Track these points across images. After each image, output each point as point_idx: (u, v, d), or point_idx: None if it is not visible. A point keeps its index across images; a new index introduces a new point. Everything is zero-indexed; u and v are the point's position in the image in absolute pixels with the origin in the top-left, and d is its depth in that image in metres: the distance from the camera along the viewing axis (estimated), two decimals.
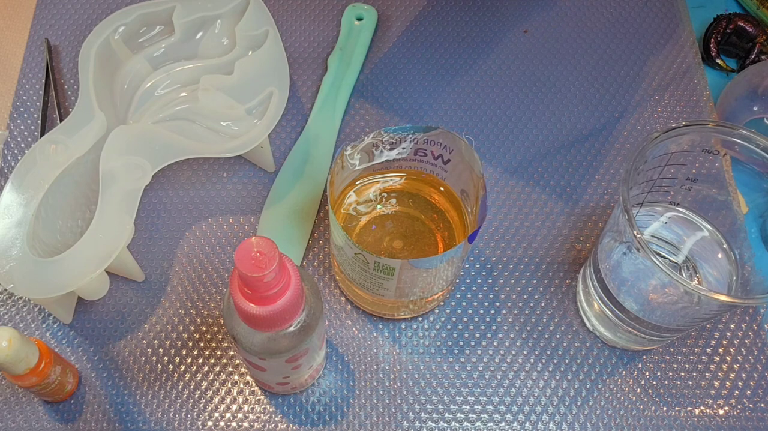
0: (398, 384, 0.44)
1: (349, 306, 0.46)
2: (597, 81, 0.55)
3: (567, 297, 0.47)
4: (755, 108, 0.50)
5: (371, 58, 0.56)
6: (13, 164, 0.51)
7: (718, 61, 0.56)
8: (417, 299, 0.42)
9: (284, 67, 0.49)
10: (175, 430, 0.43)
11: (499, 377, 0.44)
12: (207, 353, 0.45)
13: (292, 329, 0.34)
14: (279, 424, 0.43)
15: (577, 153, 0.52)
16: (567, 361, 0.45)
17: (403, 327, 0.46)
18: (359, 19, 0.57)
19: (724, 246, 0.44)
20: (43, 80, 0.54)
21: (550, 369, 0.45)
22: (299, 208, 0.49)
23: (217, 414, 0.43)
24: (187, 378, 0.44)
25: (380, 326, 0.46)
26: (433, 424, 0.43)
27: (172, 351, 0.45)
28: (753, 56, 0.55)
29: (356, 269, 0.40)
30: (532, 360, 0.45)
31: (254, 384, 0.44)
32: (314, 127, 0.52)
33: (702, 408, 0.44)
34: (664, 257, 0.45)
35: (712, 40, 0.56)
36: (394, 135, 0.41)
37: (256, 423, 0.43)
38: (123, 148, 0.44)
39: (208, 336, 0.45)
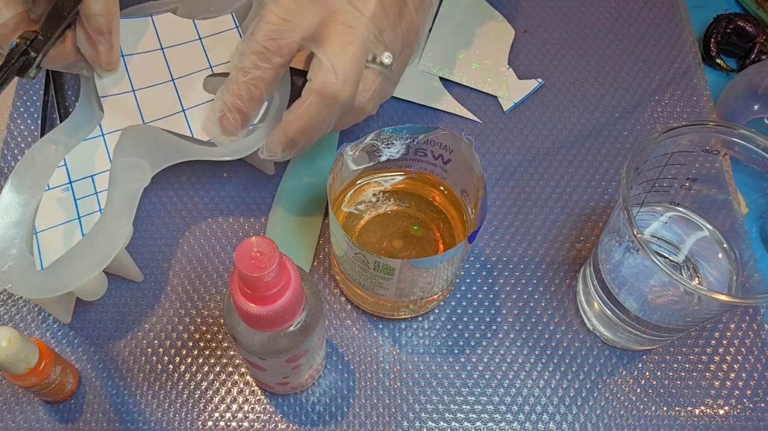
0: (398, 384, 0.44)
1: (349, 306, 0.47)
2: (597, 81, 0.55)
3: (567, 297, 0.47)
4: (755, 108, 0.50)
5: None
6: (13, 164, 0.51)
7: (718, 61, 0.56)
8: (417, 299, 0.42)
9: (286, 71, 0.49)
10: (175, 430, 0.43)
11: (499, 377, 0.44)
12: (207, 353, 0.45)
13: (292, 329, 0.34)
14: (279, 424, 0.43)
15: (577, 153, 0.52)
16: (567, 361, 0.45)
17: (403, 326, 0.46)
18: None
19: (725, 246, 0.44)
20: (43, 80, 0.54)
21: (550, 369, 0.45)
22: (305, 211, 0.49)
23: (217, 414, 0.43)
24: (187, 378, 0.44)
25: (380, 326, 0.46)
26: (433, 424, 0.43)
27: (172, 351, 0.45)
28: (753, 56, 0.56)
29: (356, 269, 0.40)
30: (532, 360, 0.45)
31: (254, 384, 0.44)
32: None
33: (702, 408, 0.44)
34: (664, 257, 0.45)
35: (712, 40, 0.56)
36: (394, 135, 0.41)
37: (256, 423, 0.43)
38: (123, 149, 0.44)
39: (208, 336, 0.45)
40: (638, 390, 0.44)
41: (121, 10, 0.49)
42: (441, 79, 0.55)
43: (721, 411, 0.44)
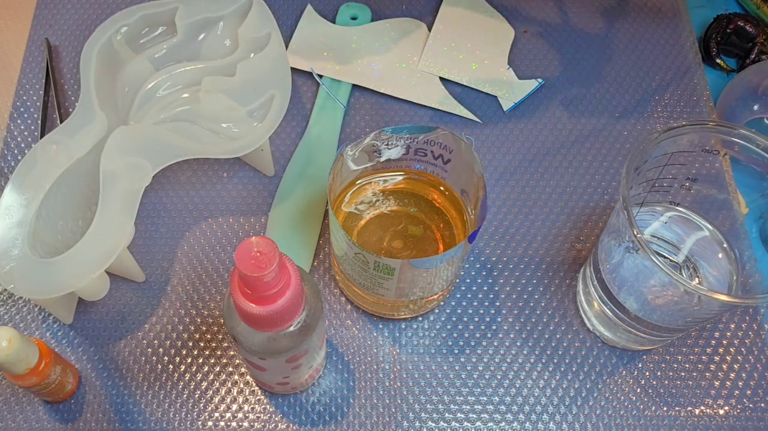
0: (398, 384, 0.44)
1: (349, 306, 0.47)
2: (597, 81, 0.55)
3: (567, 297, 0.47)
4: (755, 108, 0.50)
5: None
6: (13, 164, 0.51)
7: (718, 61, 0.56)
8: (417, 299, 0.42)
9: (286, 70, 0.49)
10: (175, 430, 0.43)
11: (499, 377, 0.44)
12: (207, 353, 0.45)
13: (292, 329, 0.34)
14: (279, 424, 0.43)
15: (577, 153, 0.52)
16: (567, 361, 0.45)
17: (403, 326, 0.46)
18: (354, 18, 0.57)
19: (725, 246, 0.44)
20: (43, 80, 0.54)
21: (550, 369, 0.45)
22: (305, 211, 0.49)
23: (217, 414, 0.43)
24: (187, 378, 0.44)
25: (380, 326, 0.46)
26: (433, 424, 0.43)
27: (172, 351, 0.45)
28: (753, 56, 0.56)
29: (356, 269, 0.40)
30: (532, 360, 0.45)
31: (254, 384, 0.44)
32: (316, 128, 0.52)
33: (702, 408, 0.44)
34: (664, 257, 0.45)
35: (712, 40, 0.56)
36: (394, 135, 0.41)
37: (256, 423, 0.43)
38: (124, 148, 0.44)
39: (208, 336, 0.45)
40: (638, 390, 0.44)
41: (120, 10, 0.50)
42: (441, 79, 0.55)
43: (721, 411, 0.44)
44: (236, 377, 0.44)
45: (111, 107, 0.48)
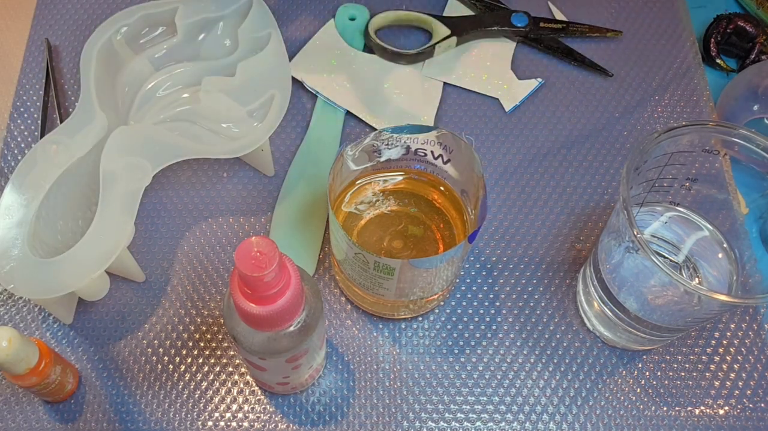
0: (398, 384, 0.44)
1: (349, 306, 0.47)
2: (597, 81, 0.55)
3: (567, 297, 0.47)
4: (755, 108, 0.50)
5: None
6: (13, 164, 0.51)
7: (718, 61, 0.56)
8: (417, 299, 0.42)
9: (286, 70, 0.49)
10: (175, 430, 0.43)
11: (499, 377, 0.44)
12: (207, 353, 0.45)
13: (292, 329, 0.34)
14: (279, 424, 0.43)
15: (577, 153, 0.52)
16: (567, 361, 0.45)
17: (403, 326, 0.46)
18: (352, 19, 0.57)
19: (725, 246, 0.44)
20: (43, 80, 0.54)
21: (550, 369, 0.45)
22: (309, 211, 0.49)
23: (217, 414, 0.43)
24: (187, 378, 0.44)
25: (380, 326, 0.46)
26: (433, 424, 0.43)
27: (172, 351, 0.45)
28: (753, 56, 0.56)
29: (356, 269, 0.40)
30: (532, 360, 0.45)
31: (254, 384, 0.44)
32: (317, 128, 0.52)
33: (702, 408, 0.44)
34: (665, 257, 0.45)
35: (712, 40, 0.56)
36: (394, 135, 0.41)
37: (256, 423, 0.43)
38: (124, 148, 0.44)
39: (208, 336, 0.45)
40: (638, 390, 0.44)
41: (120, 10, 0.50)
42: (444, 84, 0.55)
43: (721, 411, 0.44)
44: (236, 377, 0.44)
45: (111, 107, 0.48)
